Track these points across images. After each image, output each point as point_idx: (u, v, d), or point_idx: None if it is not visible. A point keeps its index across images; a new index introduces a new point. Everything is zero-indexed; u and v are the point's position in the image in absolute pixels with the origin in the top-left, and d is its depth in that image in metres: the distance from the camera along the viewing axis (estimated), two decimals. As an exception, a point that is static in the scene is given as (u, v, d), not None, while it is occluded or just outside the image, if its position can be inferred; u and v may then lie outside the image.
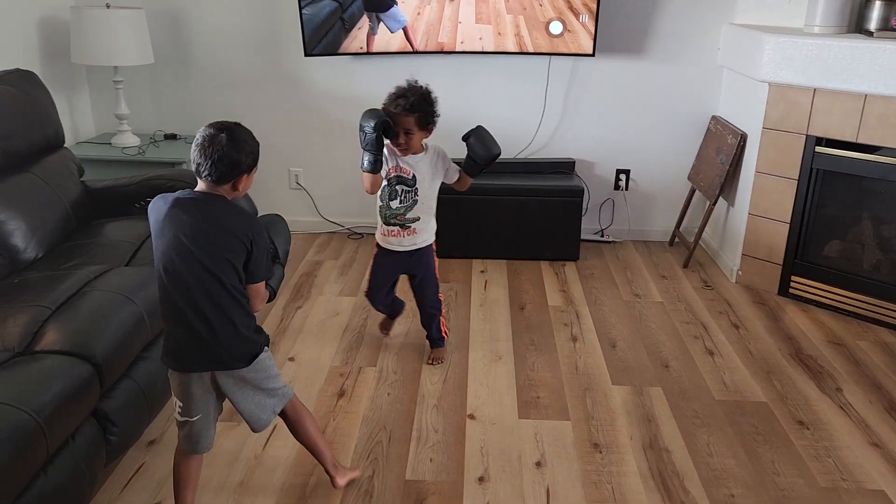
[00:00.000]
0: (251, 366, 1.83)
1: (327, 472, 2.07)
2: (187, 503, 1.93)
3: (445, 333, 2.86)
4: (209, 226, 1.73)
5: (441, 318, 2.81)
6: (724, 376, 2.73)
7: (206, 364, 1.81)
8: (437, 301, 2.78)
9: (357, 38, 3.59)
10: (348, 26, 3.56)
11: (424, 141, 2.54)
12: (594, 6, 3.48)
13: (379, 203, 2.59)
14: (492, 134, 2.54)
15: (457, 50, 3.62)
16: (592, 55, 3.60)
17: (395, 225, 2.58)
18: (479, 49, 3.61)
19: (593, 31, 3.53)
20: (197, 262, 1.71)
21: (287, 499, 2.07)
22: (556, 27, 3.56)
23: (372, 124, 2.31)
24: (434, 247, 2.71)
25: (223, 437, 2.31)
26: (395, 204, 2.55)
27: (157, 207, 1.76)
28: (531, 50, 3.61)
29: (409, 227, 2.58)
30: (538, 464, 2.23)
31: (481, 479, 2.16)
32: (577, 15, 3.52)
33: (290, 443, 2.28)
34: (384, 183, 2.52)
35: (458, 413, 2.48)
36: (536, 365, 2.79)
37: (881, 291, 3.09)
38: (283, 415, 1.98)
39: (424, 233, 2.63)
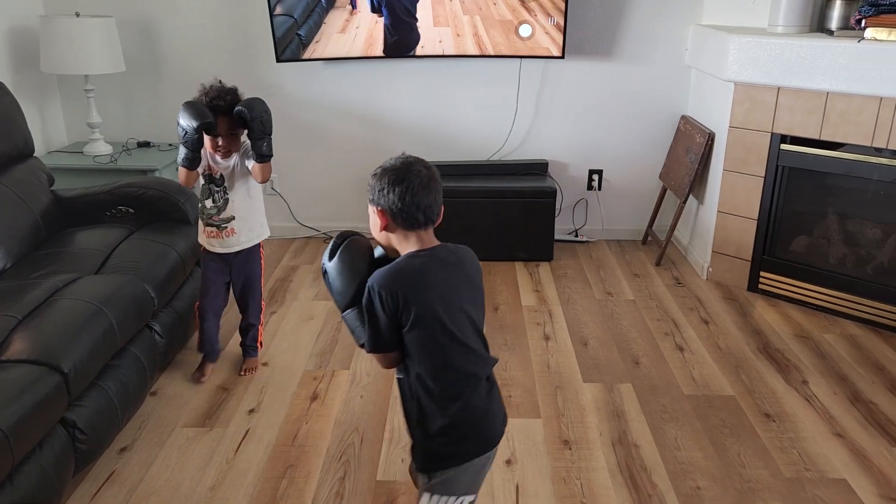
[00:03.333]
0: None
1: None
2: None
3: (260, 344, 2.79)
4: (473, 280, 1.56)
5: (260, 327, 2.76)
6: (692, 371, 2.77)
7: (503, 428, 1.59)
8: (259, 309, 2.72)
9: (315, 53, 3.61)
10: (305, 42, 3.59)
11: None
12: (563, 7, 3.52)
13: (199, 203, 2.55)
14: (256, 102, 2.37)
15: (418, 54, 3.65)
16: (562, 57, 3.64)
17: (211, 226, 2.52)
18: (440, 52, 3.64)
19: (562, 34, 3.58)
20: (474, 317, 1.52)
21: (258, 503, 2.08)
22: (525, 30, 3.60)
23: (195, 125, 2.27)
24: (262, 251, 2.67)
25: (195, 442, 2.33)
26: (208, 204, 2.50)
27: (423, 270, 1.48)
28: (490, 50, 3.64)
29: (226, 227, 2.51)
30: (508, 462, 2.25)
31: (452, 478, 2.18)
32: (547, 17, 3.56)
33: (261, 447, 2.31)
34: (201, 181, 2.49)
35: (430, 414, 2.50)
36: (509, 364, 2.81)
37: (846, 285, 3.15)
38: None
39: (245, 233, 2.55)
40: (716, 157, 3.50)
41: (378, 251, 1.58)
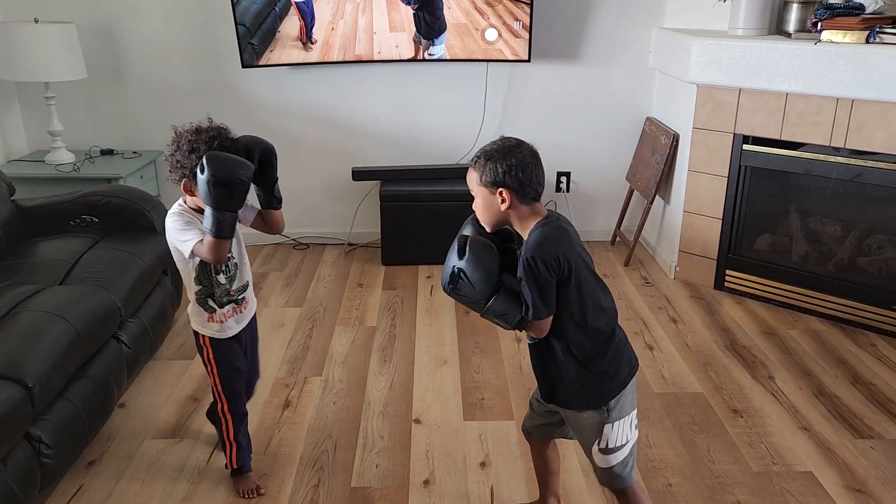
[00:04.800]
0: None
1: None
2: None
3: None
4: None
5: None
6: (662, 370, 2.81)
7: None
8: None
9: (270, 61, 3.59)
10: (259, 50, 3.56)
11: None
12: (526, 12, 3.55)
13: (196, 287, 1.98)
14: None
15: (382, 59, 3.65)
16: (528, 61, 3.67)
17: (229, 303, 2.02)
18: (397, 57, 3.64)
19: (528, 39, 3.61)
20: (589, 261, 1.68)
21: (231, 513, 2.06)
22: (491, 34, 3.62)
23: (249, 175, 1.81)
24: None
25: (164, 454, 2.29)
26: (221, 279, 1.99)
27: (568, 237, 1.63)
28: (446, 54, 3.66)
29: (242, 298, 2.05)
30: (482, 464, 2.26)
31: (426, 483, 2.18)
32: (502, 22, 3.58)
33: (233, 456, 2.28)
34: (197, 259, 1.94)
35: (403, 418, 2.50)
36: (481, 367, 2.82)
37: (809, 281, 3.22)
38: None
39: (252, 298, 2.12)
40: (681, 157, 3.56)
41: (468, 230, 1.74)
